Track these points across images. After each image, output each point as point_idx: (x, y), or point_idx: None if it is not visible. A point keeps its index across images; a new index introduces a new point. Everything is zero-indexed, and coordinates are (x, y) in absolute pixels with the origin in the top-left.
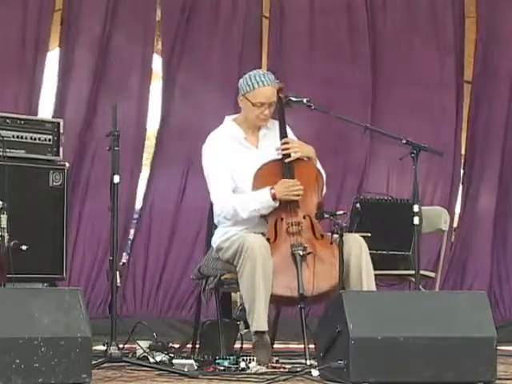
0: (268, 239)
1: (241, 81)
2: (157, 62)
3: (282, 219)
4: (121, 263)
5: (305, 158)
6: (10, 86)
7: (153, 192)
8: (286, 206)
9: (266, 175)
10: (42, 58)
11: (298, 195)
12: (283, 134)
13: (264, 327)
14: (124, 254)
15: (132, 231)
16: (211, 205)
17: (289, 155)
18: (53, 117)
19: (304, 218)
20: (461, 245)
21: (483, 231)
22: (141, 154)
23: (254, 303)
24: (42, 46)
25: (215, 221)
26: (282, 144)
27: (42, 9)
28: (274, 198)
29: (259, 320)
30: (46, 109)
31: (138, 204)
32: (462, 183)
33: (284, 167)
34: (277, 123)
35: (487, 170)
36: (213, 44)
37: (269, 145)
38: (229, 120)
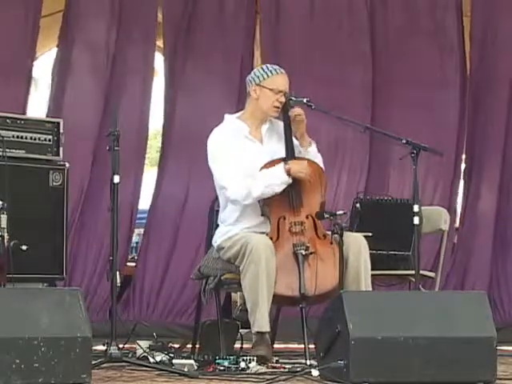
0: (270, 238)
1: (253, 72)
2: (158, 62)
3: (284, 218)
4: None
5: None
6: (10, 86)
7: (160, 194)
8: (290, 204)
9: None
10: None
11: (309, 180)
12: (288, 129)
13: (266, 328)
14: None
15: (135, 232)
16: (212, 205)
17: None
18: (52, 117)
19: (307, 217)
20: (462, 245)
21: (484, 232)
22: (143, 154)
23: (257, 304)
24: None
25: (219, 218)
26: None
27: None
28: (288, 173)
29: (262, 320)
30: (45, 109)
31: (141, 205)
32: (464, 183)
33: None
34: (279, 123)
35: (487, 170)
36: (215, 44)
37: (272, 140)
38: (230, 117)
